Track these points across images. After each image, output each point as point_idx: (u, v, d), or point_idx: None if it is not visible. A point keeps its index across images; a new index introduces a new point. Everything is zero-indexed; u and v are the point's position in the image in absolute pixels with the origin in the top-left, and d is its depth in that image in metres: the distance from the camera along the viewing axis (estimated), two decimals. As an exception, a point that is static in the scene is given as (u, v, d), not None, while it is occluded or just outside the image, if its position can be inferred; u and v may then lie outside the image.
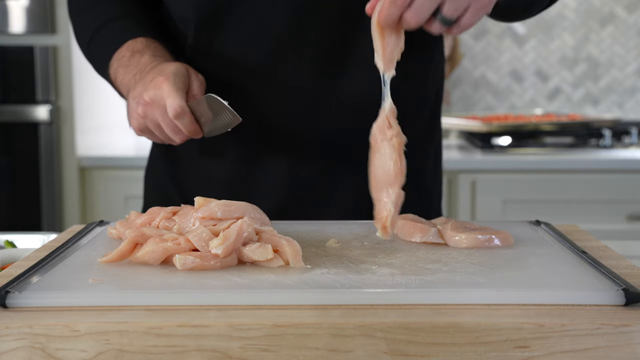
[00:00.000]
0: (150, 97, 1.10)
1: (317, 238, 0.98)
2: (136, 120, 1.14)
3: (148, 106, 1.11)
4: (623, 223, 2.65)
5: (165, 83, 1.09)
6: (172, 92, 1.08)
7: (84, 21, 1.32)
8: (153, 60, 1.18)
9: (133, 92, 1.14)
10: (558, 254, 0.96)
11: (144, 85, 1.12)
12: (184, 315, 0.75)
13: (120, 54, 1.21)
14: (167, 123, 1.11)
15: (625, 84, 3.25)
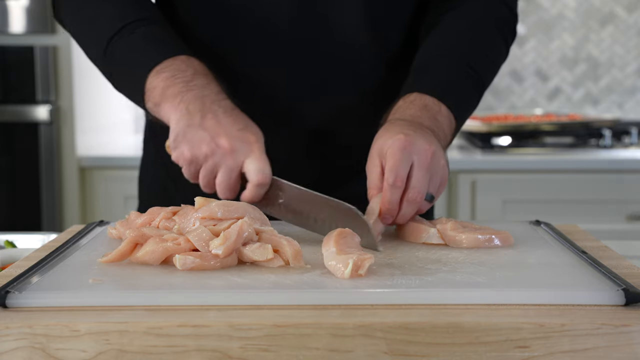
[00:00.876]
0: (232, 146, 1.03)
1: (317, 238, 0.98)
2: (193, 153, 1.05)
3: (221, 151, 1.03)
4: (623, 223, 2.64)
5: (256, 145, 1.04)
6: (263, 158, 1.03)
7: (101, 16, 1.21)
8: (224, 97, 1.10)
9: (204, 122, 1.05)
10: (558, 254, 0.96)
11: (226, 128, 1.04)
12: (184, 315, 0.75)
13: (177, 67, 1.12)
14: (229, 178, 1.04)
15: (625, 84, 3.25)
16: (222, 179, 1.04)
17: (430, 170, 1.04)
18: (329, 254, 0.88)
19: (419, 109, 1.14)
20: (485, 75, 1.26)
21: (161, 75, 1.11)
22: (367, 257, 0.86)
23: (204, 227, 0.92)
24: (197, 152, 1.05)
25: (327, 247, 0.89)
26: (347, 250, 0.88)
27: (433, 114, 1.14)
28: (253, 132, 1.05)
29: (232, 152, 1.03)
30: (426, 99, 1.16)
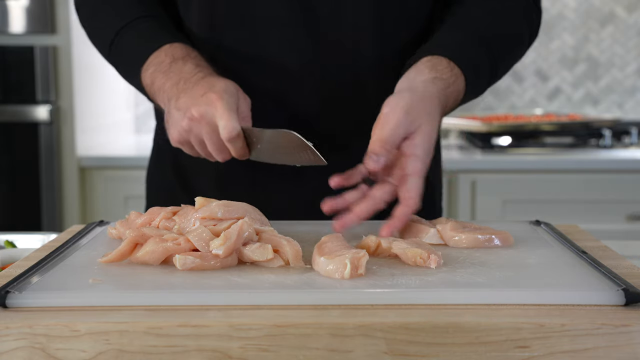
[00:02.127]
0: (200, 112, 1.07)
1: (317, 238, 0.98)
2: (178, 132, 1.10)
3: (195, 121, 1.08)
4: (623, 223, 2.65)
5: (218, 102, 1.06)
6: (226, 113, 1.05)
7: (102, 18, 1.29)
8: (197, 70, 1.15)
9: (177, 103, 1.11)
10: (558, 254, 0.96)
11: (193, 98, 1.09)
12: (184, 315, 0.75)
13: (158, 59, 1.18)
14: (213, 142, 1.08)
15: (625, 84, 3.25)
16: (209, 144, 1.09)
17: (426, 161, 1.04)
18: (320, 262, 0.87)
19: (429, 70, 1.12)
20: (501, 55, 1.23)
21: (147, 72, 1.18)
22: (362, 255, 0.86)
23: (204, 227, 0.92)
24: (180, 131, 1.10)
25: (316, 260, 0.89)
26: (337, 252, 0.88)
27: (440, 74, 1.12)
28: (214, 91, 1.08)
29: (202, 118, 1.07)
30: (436, 58, 1.13)
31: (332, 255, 0.87)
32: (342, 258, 0.85)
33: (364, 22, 1.23)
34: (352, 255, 0.85)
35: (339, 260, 0.85)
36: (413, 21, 1.27)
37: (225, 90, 1.08)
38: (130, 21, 1.24)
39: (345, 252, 0.87)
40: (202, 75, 1.13)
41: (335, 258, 0.86)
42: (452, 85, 1.13)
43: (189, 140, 1.11)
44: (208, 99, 1.07)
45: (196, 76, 1.13)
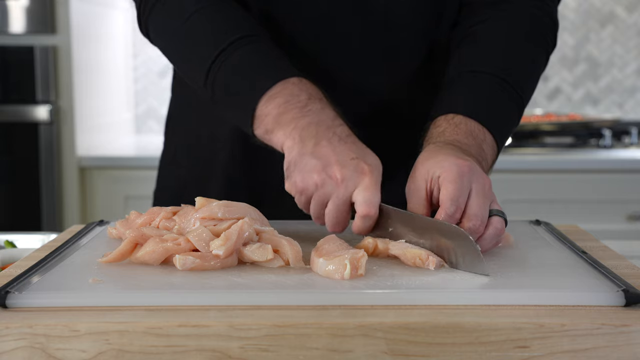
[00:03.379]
0: (344, 176, 0.97)
1: (317, 238, 0.97)
2: (304, 182, 1.00)
3: (332, 181, 0.98)
4: (623, 223, 2.65)
5: (369, 175, 0.97)
6: (373, 189, 0.97)
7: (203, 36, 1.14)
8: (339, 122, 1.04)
9: (316, 149, 1.00)
10: (558, 254, 0.96)
11: (339, 156, 0.99)
12: (184, 315, 0.75)
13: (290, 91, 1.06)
14: (338, 210, 0.99)
15: (625, 84, 3.25)
16: (331, 209, 0.99)
17: (488, 199, 0.97)
18: (319, 263, 0.87)
19: (465, 135, 1.07)
20: (527, 94, 1.19)
21: (274, 102, 1.06)
22: (361, 255, 0.86)
23: (204, 227, 0.92)
24: (308, 181, 1.00)
25: (315, 262, 0.89)
26: (336, 253, 0.88)
27: (479, 142, 1.08)
28: (367, 162, 0.99)
29: (343, 182, 0.98)
30: (472, 124, 1.09)
31: (331, 256, 0.87)
32: (341, 258, 0.85)
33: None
34: (351, 256, 0.85)
35: (339, 261, 0.85)
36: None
37: (376, 166, 1.00)
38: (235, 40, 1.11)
39: (344, 252, 0.87)
40: (347, 132, 1.03)
41: (334, 259, 0.86)
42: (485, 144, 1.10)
43: (312, 194, 1.01)
44: (358, 167, 0.98)
45: (340, 128, 1.03)
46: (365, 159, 0.99)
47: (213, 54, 1.10)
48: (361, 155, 1.00)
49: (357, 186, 0.97)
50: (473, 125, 1.09)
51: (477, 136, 1.08)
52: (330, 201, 0.99)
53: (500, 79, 1.16)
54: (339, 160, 0.98)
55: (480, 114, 1.11)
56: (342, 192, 0.97)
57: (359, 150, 1.01)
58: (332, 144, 1.00)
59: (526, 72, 1.20)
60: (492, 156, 1.10)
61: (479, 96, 1.14)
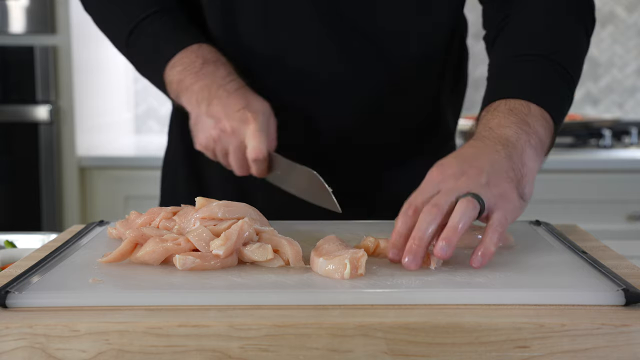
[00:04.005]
0: (232, 127, 1.11)
1: (317, 238, 0.98)
2: (206, 139, 1.14)
3: (225, 134, 1.11)
4: (623, 223, 2.65)
5: (253, 122, 1.10)
6: (257, 134, 1.09)
7: (118, 8, 1.27)
8: (230, 78, 1.16)
9: (209, 109, 1.13)
10: (558, 254, 0.96)
11: (227, 111, 1.11)
12: (184, 315, 0.75)
13: (188, 59, 1.18)
14: (238, 158, 1.12)
15: (625, 84, 3.25)
16: (232, 158, 1.13)
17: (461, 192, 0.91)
18: (319, 263, 0.87)
19: (505, 115, 1.02)
20: (573, 69, 1.13)
21: (174, 70, 1.18)
22: (361, 255, 0.86)
23: (204, 227, 0.92)
24: (208, 138, 1.13)
25: (315, 262, 0.89)
26: (336, 253, 0.88)
27: (521, 117, 1.02)
28: (252, 110, 1.11)
29: (233, 133, 1.11)
30: (511, 103, 1.04)
31: (331, 255, 0.87)
32: (341, 258, 0.85)
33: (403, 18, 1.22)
34: (351, 256, 0.85)
35: (339, 261, 0.85)
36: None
37: (262, 112, 1.12)
38: (151, 14, 1.23)
39: (344, 252, 0.87)
40: (236, 86, 1.14)
41: (334, 258, 0.86)
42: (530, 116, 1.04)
43: (215, 148, 1.14)
44: (243, 116, 1.10)
45: (230, 84, 1.14)
46: (250, 107, 1.11)
47: (130, 26, 1.24)
48: (246, 104, 1.11)
49: (245, 134, 1.10)
50: (513, 103, 1.04)
51: (519, 112, 1.03)
52: (230, 151, 1.13)
53: (542, 57, 1.11)
54: (227, 113, 1.11)
55: (519, 90, 1.06)
56: (234, 141, 1.11)
57: (245, 100, 1.12)
58: (222, 100, 1.12)
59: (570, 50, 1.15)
60: (544, 126, 1.03)
61: (518, 76, 1.10)
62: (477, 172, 0.92)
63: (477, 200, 0.89)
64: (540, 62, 1.11)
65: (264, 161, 1.11)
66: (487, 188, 0.91)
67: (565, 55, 1.13)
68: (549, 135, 1.04)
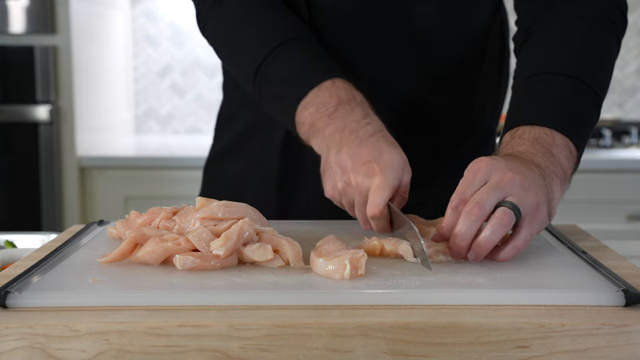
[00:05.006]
0: (358, 182, 1.02)
1: (317, 238, 0.98)
2: (332, 189, 1.07)
3: (351, 187, 1.04)
4: (623, 223, 2.65)
5: (378, 177, 1.00)
6: (379, 192, 1.00)
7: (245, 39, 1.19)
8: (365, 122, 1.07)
9: (338, 157, 1.05)
10: (558, 254, 0.96)
11: (354, 161, 1.03)
12: (184, 315, 0.75)
13: (321, 99, 1.10)
14: (360, 212, 1.04)
15: (625, 84, 3.25)
16: (357, 212, 1.05)
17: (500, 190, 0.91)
18: (319, 264, 0.87)
19: (531, 143, 1.02)
20: (600, 85, 1.11)
21: (307, 111, 1.10)
22: (361, 255, 0.86)
23: (205, 227, 0.92)
24: (334, 188, 1.06)
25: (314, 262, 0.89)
26: (335, 253, 0.88)
27: (546, 147, 1.01)
28: (380, 163, 1.02)
29: (357, 187, 1.02)
30: (536, 130, 1.03)
31: (331, 256, 0.87)
32: (341, 259, 0.85)
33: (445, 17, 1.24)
34: (351, 256, 0.85)
35: (339, 261, 0.85)
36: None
37: (391, 165, 1.02)
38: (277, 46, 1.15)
39: (344, 252, 0.87)
40: (370, 132, 1.06)
41: (334, 259, 0.86)
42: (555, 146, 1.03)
43: (340, 200, 1.07)
44: (369, 171, 1.02)
45: (363, 129, 1.06)
46: (379, 160, 1.02)
47: (258, 61, 1.15)
48: (376, 156, 1.02)
49: (369, 189, 1.01)
50: (538, 132, 1.04)
51: (544, 141, 1.03)
52: (355, 204, 1.04)
53: (565, 76, 1.09)
54: (354, 165, 1.03)
55: (543, 117, 1.05)
56: (358, 196, 1.02)
57: (376, 151, 1.03)
58: (352, 149, 1.04)
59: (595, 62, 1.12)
60: (567, 157, 1.03)
61: (542, 100, 1.08)
62: (521, 176, 0.93)
63: (515, 211, 0.91)
64: (566, 83, 1.09)
65: (382, 219, 1.01)
66: (526, 194, 0.92)
67: (594, 74, 1.11)
68: (571, 165, 1.04)
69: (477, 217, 0.90)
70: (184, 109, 3.30)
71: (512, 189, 0.91)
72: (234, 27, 1.19)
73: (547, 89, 1.09)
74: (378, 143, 1.04)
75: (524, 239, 0.91)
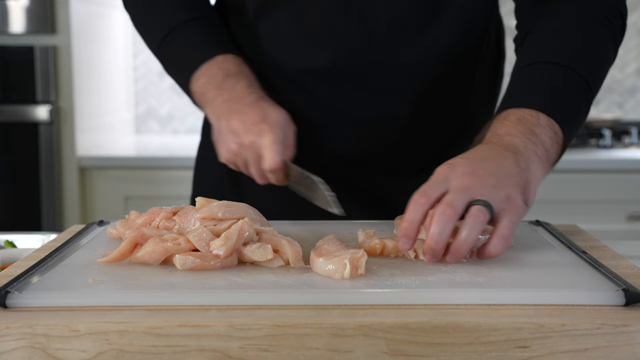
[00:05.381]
0: (250, 141, 1.14)
1: (317, 238, 0.98)
2: (227, 152, 1.18)
3: (244, 147, 1.15)
4: (623, 223, 2.65)
5: (267, 134, 1.13)
6: (272, 147, 1.12)
7: (153, 14, 1.31)
8: (250, 92, 1.19)
9: (229, 124, 1.16)
10: (558, 254, 0.96)
11: (245, 124, 1.15)
12: (184, 315, 0.75)
13: (211, 71, 1.22)
14: (256, 169, 1.16)
15: (625, 84, 3.25)
16: (253, 170, 1.17)
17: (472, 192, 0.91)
18: (319, 263, 0.87)
19: (513, 124, 1.02)
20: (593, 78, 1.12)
21: (198, 82, 1.23)
22: (361, 255, 0.86)
23: (204, 227, 0.92)
24: (229, 151, 1.18)
25: (314, 262, 0.89)
26: (335, 253, 0.88)
27: (530, 127, 1.02)
28: (268, 122, 1.14)
29: (251, 147, 1.15)
30: (521, 112, 1.04)
31: (331, 255, 0.87)
32: (341, 258, 0.85)
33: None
34: (351, 256, 0.85)
35: (339, 261, 0.85)
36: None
37: (277, 122, 1.15)
38: (182, 22, 1.27)
39: (344, 252, 0.87)
40: (255, 99, 1.18)
41: (334, 258, 0.86)
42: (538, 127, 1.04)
43: (236, 161, 1.19)
44: (259, 130, 1.14)
45: (249, 97, 1.18)
46: (267, 120, 1.15)
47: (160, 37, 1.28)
48: (263, 117, 1.15)
49: (261, 147, 1.13)
50: (523, 113, 1.04)
51: (527, 122, 1.03)
52: (250, 163, 1.17)
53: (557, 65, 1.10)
54: (245, 128, 1.15)
55: (530, 100, 1.06)
56: (252, 154, 1.15)
57: (261, 111, 1.16)
58: (240, 115, 1.16)
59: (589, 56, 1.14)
60: (552, 137, 1.03)
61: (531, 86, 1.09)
62: (486, 174, 0.93)
63: (488, 208, 0.90)
64: (558, 72, 1.10)
65: (279, 171, 1.14)
66: (495, 191, 0.92)
67: (587, 66, 1.12)
68: (555, 147, 1.04)
69: (450, 217, 0.89)
70: (184, 109, 3.30)
71: (480, 189, 0.91)
72: (144, 3, 1.33)
73: (538, 76, 1.10)
74: (263, 107, 1.16)
75: (507, 226, 0.90)
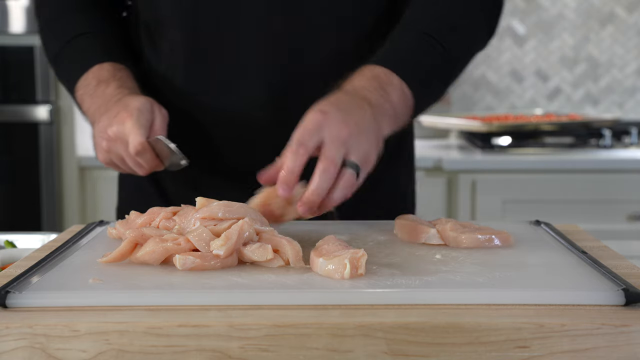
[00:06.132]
0: (114, 132, 1.13)
1: (317, 238, 0.98)
2: (101, 154, 1.17)
3: (112, 141, 1.14)
4: (623, 223, 2.65)
5: (128, 120, 1.12)
6: (133, 129, 1.11)
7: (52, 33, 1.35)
8: (118, 92, 1.20)
9: (98, 125, 1.17)
10: (558, 254, 0.96)
11: (109, 119, 1.15)
12: (184, 315, 0.75)
13: (86, 81, 1.24)
14: (130, 158, 1.14)
15: (625, 84, 3.25)
16: (128, 161, 1.15)
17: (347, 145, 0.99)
18: (319, 263, 0.87)
19: (368, 80, 1.11)
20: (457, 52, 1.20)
21: (77, 94, 1.26)
22: (361, 255, 0.86)
23: (205, 227, 0.92)
24: (102, 152, 1.17)
25: (314, 262, 0.89)
26: (335, 253, 0.88)
27: (382, 84, 1.10)
28: (127, 110, 1.13)
29: (117, 138, 1.13)
30: (377, 70, 1.12)
31: (331, 255, 0.87)
32: (341, 258, 0.85)
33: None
34: (351, 255, 0.85)
35: (339, 261, 0.85)
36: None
37: (138, 108, 1.14)
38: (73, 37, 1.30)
39: (344, 252, 0.87)
40: (120, 97, 1.18)
41: (334, 258, 0.86)
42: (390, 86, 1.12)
43: (112, 160, 1.17)
44: (120, 118, 1.13)
45: (115, 98, 1.19)
46: (127, 108, 1.14)
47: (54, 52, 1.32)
48: (123, 107, 1.14)
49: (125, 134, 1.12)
50: (378, 71, 1.12)
51: (380, 79, 1.11)
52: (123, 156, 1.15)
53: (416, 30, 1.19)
54: (110, 123, 1.14)
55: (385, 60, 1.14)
56: (121, 145, 1.13)
57: (123, 104, 1.15)
58: (107, 113, 1.16)
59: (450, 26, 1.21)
60: (400, 97, 1.11)
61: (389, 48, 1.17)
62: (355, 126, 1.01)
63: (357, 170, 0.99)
64: (422, 39, 1.17)
65: (146, 153, 1.12)
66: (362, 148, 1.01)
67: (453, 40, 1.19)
68: (404, 107, 1.12)
69: (331, 175, 0.97)
70: (184, 109, 3.30)
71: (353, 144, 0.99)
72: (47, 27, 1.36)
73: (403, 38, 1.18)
74: (125, 100, 1.16)
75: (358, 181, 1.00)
